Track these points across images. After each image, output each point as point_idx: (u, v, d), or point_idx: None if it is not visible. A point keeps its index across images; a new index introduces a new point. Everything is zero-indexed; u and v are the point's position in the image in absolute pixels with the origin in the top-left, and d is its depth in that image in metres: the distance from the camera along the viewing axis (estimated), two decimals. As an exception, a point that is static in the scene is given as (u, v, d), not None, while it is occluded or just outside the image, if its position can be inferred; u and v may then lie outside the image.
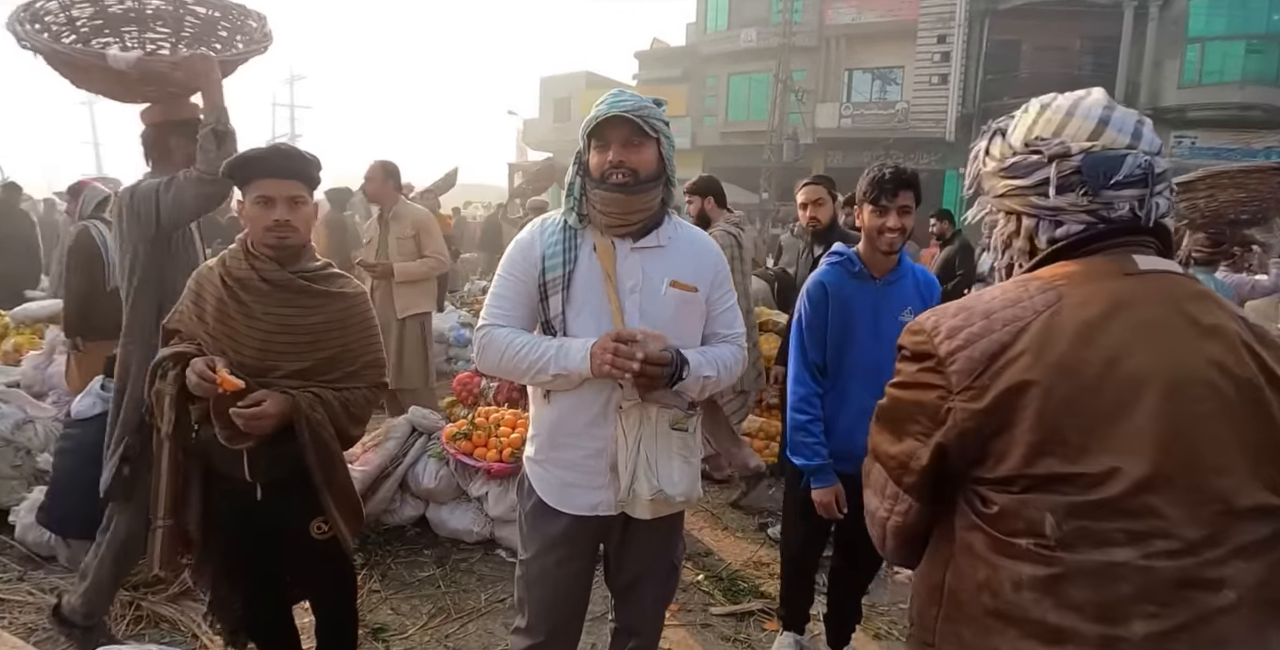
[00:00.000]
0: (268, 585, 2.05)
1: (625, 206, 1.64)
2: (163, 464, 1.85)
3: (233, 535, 1.94)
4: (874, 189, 2.16)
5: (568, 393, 1.69)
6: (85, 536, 3.04)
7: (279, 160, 1.81)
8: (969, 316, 0.92)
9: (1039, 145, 0.95)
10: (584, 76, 26.25)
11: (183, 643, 2.49)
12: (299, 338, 1.85)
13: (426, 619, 2.79)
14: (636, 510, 1.66)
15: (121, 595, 2.80)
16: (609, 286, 1.66)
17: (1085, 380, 0.85)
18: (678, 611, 2.91)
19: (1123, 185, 0.91)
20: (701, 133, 23.17)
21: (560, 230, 1.70)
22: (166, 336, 1.92)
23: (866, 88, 21.75)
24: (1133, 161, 0.90)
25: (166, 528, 1.87)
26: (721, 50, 22.71)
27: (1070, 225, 0.95)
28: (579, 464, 1.71)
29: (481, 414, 3.52)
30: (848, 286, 2.25)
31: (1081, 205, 0.93)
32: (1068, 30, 18.36)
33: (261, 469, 1.85)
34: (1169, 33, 17.35)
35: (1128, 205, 0.93)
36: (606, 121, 1.59)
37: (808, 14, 20.91)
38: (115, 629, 2.61)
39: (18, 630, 2.57)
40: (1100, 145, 0.92)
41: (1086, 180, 0.92)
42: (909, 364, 0.99)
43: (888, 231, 2.16)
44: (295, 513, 1.92)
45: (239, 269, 1.84)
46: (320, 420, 1.84)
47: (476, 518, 3.31)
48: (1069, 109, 0.95)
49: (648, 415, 1.64)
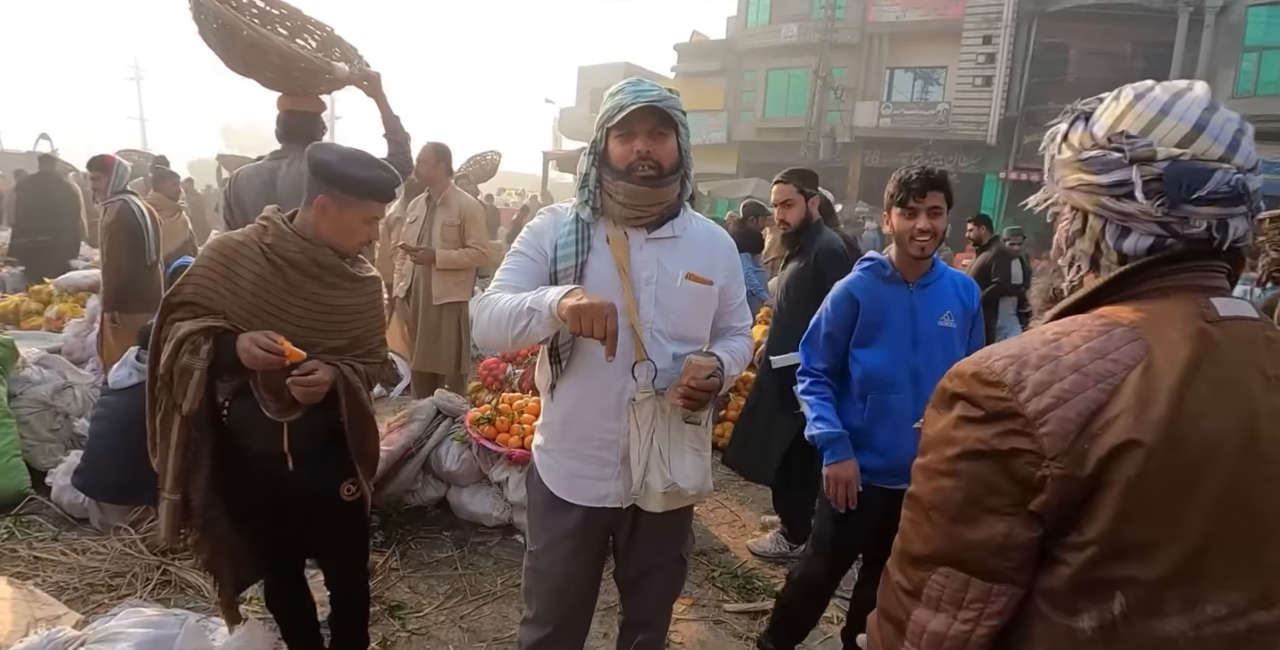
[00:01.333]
0: (285, 553, 2.13)
1: (649, 199, 1.62)
2: (171, 440, 1.86)
3: (256, 505, 1.98)
4: (901, 190, 2.09)
5: (579, 383, 1.68)
6: (117, 501, 3.14)
7: (392, 185, 1.91)
8: (1055, 369, 0.80)
9: (1123, 143, 0.85)
10: (622, 67, 26.19)
11: (207, 608, 2.55)
12: (338, 317, 1.94)
13: (443, 599, 2.83)
14: (649, 503, 1.65)
15: (149, 560, 2.88)
16: (623, 279, 1.64)
17: (1176, 443, 0.77)
18: (691, 606, 2.92)
19: (1204, 202, 0.82)
20: (738, 127, 23.02)
21: (573, 221, 1.68)
22: (170, 309, 1.85)
23: (907, 87, 21.43)
24: (1221, 177, 0.81)
25: (172, 501, 1.91)
26: (761, 45, 22.50)
27: (1139, 236, 0.86)
28: (590, 455, 1.71)
29: (505, 400, 3.55)
30: (882, 293, 2.18)
31: (1154, 216, 0.84)
32: (1118, 34, 17.90)
33: (298, 439, 1.92)
34: (1225, 41, 16.84)
35: (1205, 224, 0.83)
36: (633, 112, 1.56)
37: (851, 10, 20.64)
38: (142, 592, 2.69)
39: (49, 588, 2.65)
40: (1190, 153, 0.82)
41: (1166, 190, 0.82)
42: (978, 427, 0.82)
43: (918, 235, 2.09)
44: (326, 477, 2.00)
45: (288, 250, 1.85)
46: (359, 388, 1.96)
47: (496, 502, 3.35)
48: (1165, 106, 0.84)
49: (661, 409, 1.62)
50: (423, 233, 4.29)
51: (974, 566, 0.83)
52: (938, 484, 0.85)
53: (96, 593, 2.71)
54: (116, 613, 2.22)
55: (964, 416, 0.84)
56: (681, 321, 1.67)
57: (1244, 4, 16.52)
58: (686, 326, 1.69)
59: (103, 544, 3.01)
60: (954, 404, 0.85)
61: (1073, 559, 0.79)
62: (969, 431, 0.83)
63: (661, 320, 1.66)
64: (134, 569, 2.84)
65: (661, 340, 1.66)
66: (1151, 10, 17.07)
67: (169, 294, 1.87)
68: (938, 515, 0.85)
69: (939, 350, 2.15)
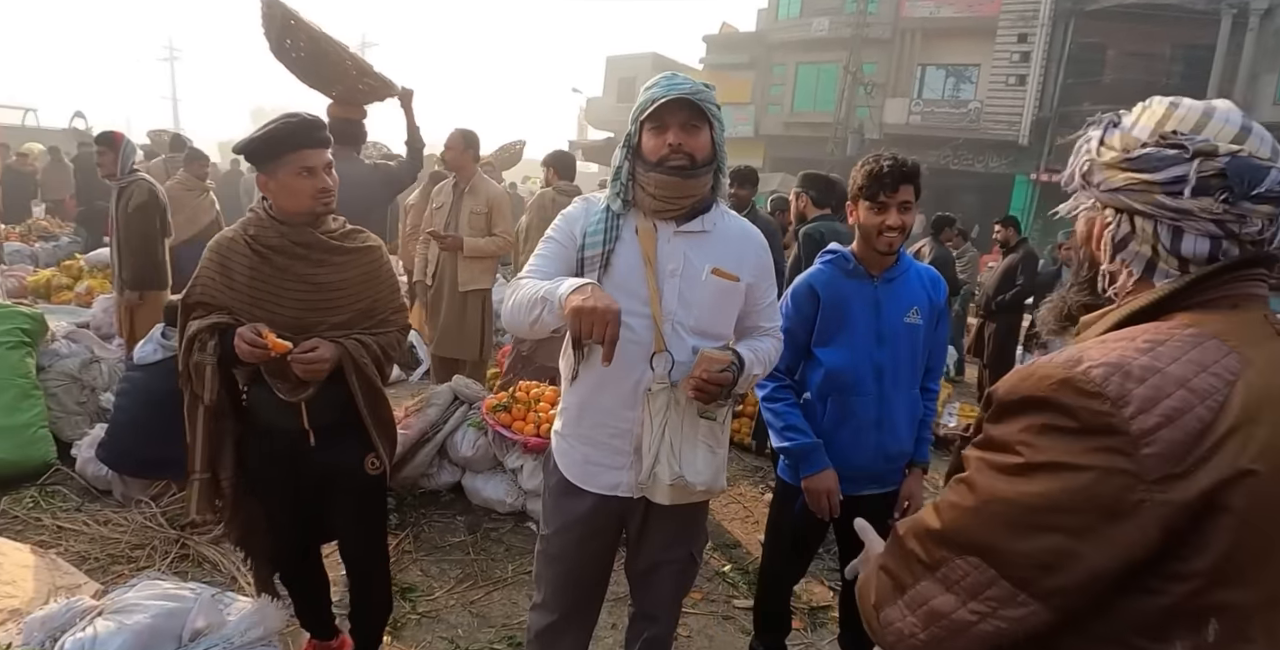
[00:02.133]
0: (305, 530, 2.16)
1: (680, 190, 1.62)
2: (199, 427, 1.97)
3: (280, 482, 2.03)
4: (872, 183, 1.96)
5: (598, 372, 1.65)
6: (139, 475, 3.19)
7: (314, 131, 1.87)
8: (1161, 384, 0.74)
9: (1180, 139, 0.83)
10: (650, 58, 26.08)
11: (223, 583, 2.59)
12: (335, 293, 1.97)
13: (454, 583, 2.85)
14: (656, 495, 1.65)
15: (168, 534, 2.93)
16: (648, 269, 1.64)
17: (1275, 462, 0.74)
18: (700, 600, 2.92)
19: (1262, 199, 0.80)
20: (765, 121, 22.86)
21: (604, 211, 1.69)
22: (187, 310, 1.96)
23: (939, 84, 21.14)
24: (1275, 176, 0.80)
25: (203, 480, 2.00)
26: (792, 38, 22.30)
27: (1196, 237, 0.84)
28: (604, 442, 1.71)
29: (523, 388, 3.56)
30: (843, 285, 2.06)
31: (1214, 212, 0.82)
32: (1158, 36, 17.51)
33: (316, 415, 1.97)
34: (1269, 44, 16.44)
35: (1261, 222, 0.82)
36: (666, 104, 1.56)
37: (883, 5, 20.39)
38: (161, 565, 2.73)
39: (71, 558, 2.70)
40: (1246, 150, 0.82)
41: (1231, 185, 0.80)
42: (1068, 439, 0.76)
43: (887, 230, 1.97)
44: (347, 452, 2.04)
45: (269, 237, 1.90)
46: (366, 363, 1.98)
47: (510, 489, 3.36)
48: (1206, 109, 0.85)
49: (676, 401, 1.62)
50: (449, 219, 4.29)
51: (1010, 571, 0.78)
52: (1002, 486, 0.79)
53: (116, 564, 2.77)
54: (134, 584, 2.25)
55: (1050, 425, 0.77)
56: (704, 316, 1.67)
57: (1291, 7, 16.10)
58: (708, 321, 1.68)
59: (124, 516, 3.06)
60: (1031, 409, 0.79)
61: (1174, 588, 0.75)
62: (1055, 441, 0.77)
63: (683, 313, 1.66)
64: (154, 542, 2.89)
65: (682, 333, 1.65)
66: (1193, 12, 16.68)
67: (184, 296, 1.98)
68: (990, 514, 0.80)
69: (904, 348, 2.06)
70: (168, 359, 3.17)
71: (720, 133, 1.65)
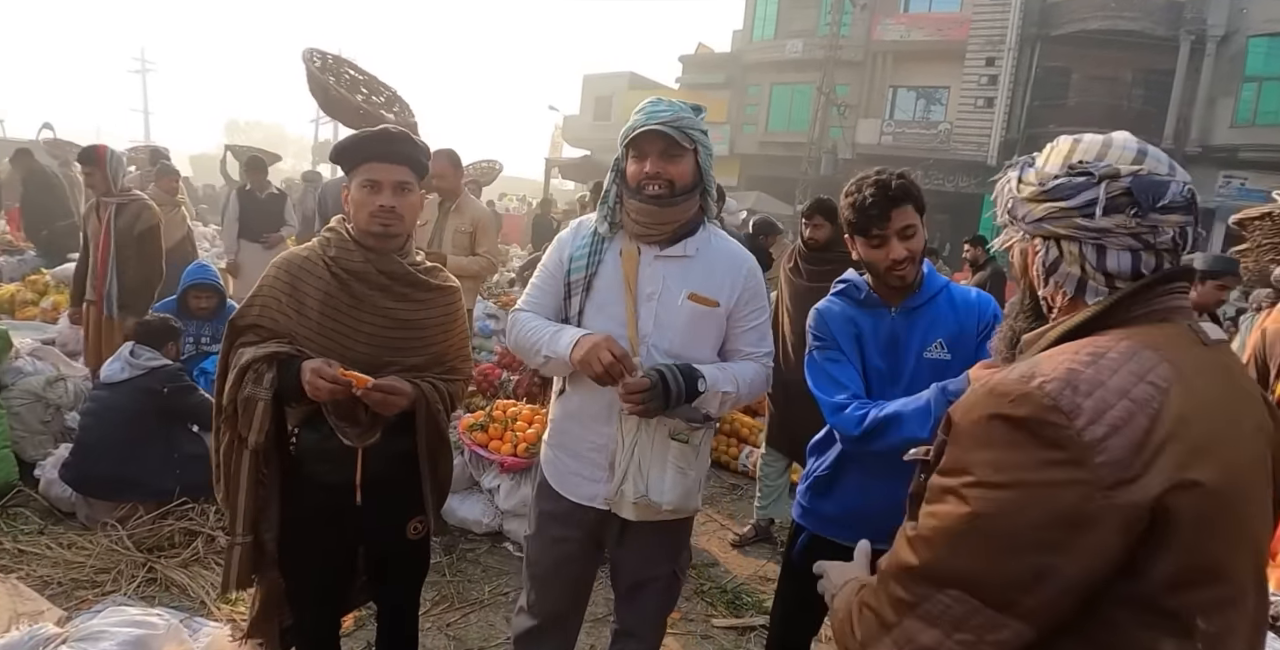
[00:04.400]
0: (333, 596, 1.98)
1: (658, 217, 1.66)
2: (242, 477, 1.72)
3: (317, 542, 1.83)
4: (860, 217, 1.69)
5: (581, 386, 1.73)
6: (104, 497, 3.11)
7: (388, 144, 1.70)
8: (1105, 396, 0.78)
9: (1087, 167, 0.92)
10: (627, 76, 26.30)
11: (191, 608, 2.53)
12: (413, 333, 1.79)
13: (429, 606, 2.81)
14: (623, 510, 1.69)
15: (135, 557, 2.86)
16: (627, 293, 1.68)
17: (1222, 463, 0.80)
18: (679, 620, 2.91)
19: (1169, 210, 0.89)
20: (740, 140, 23.12)
21: (591, 234, 1.73)
22: (237, 333, 1.74)
23: (910, 106, 21.58)
24: (1176, 188, 0.89)
25: (244, 545, 1.76)
26: (766, 59, 22.66)
27: (1118, 253, 0.91)
28: (583, 455, 1.76)
29: (500, 407, 3.54)
30: (857, 318, 1.80)
31: (1129, 227, 0.89)
32: (1120, 61, 18.08)
33: (372, 468, 1.76)
34: (1225, 70, 17.03)
35: (1172, 231, 0.89)
36: (644, 134, 1.60)
37: (856, 28, 20.82)
38: (127, 589, 2.67)
39: (33, 582, 2.62)
40: (1145, 170, 0.90)
41: (1138, 201, 0.88)
42: (1026, 452, 0.78)
43: (895, 266, 1.70)
44: (393, 513, 1.86)
45: (351, 261, 1.71)
46: (439, 409, 1.81)
47: (487, 509, 3.34)
48: (1105, 140, 0.94)
49: (646, 423, 1.65)
50: (433, 237, 4.26)
51: (990, 597, 0.79)
52: (968, 509, 0.80)
53: (81, 589, 2.69)
54: (100, 610, 2.20)
55: (1010, 442, 0.79)
56: (678, 339, 1.69)
57: (1245, 34, 16.72)
58: (683, 344, 1.69)
59: (89, 539, 2.98)
60: (995, 425, 0.81)
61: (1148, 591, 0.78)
62: (1015, 458, 0.79)
63: (658, 336, 1.68)
64: (120, 566, 2.81)
65: (657, 356, 1.67)
66: (1153, 38, 17.26)
67: (235, 316, 1.75)
68: (963, 543, 0.80)
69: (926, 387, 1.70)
70: (136, 378, 3.12)
71: (706, 157, 1.67)
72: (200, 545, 2.97)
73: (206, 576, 2.78)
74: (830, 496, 1.88)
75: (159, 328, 3.32)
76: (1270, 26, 16.36)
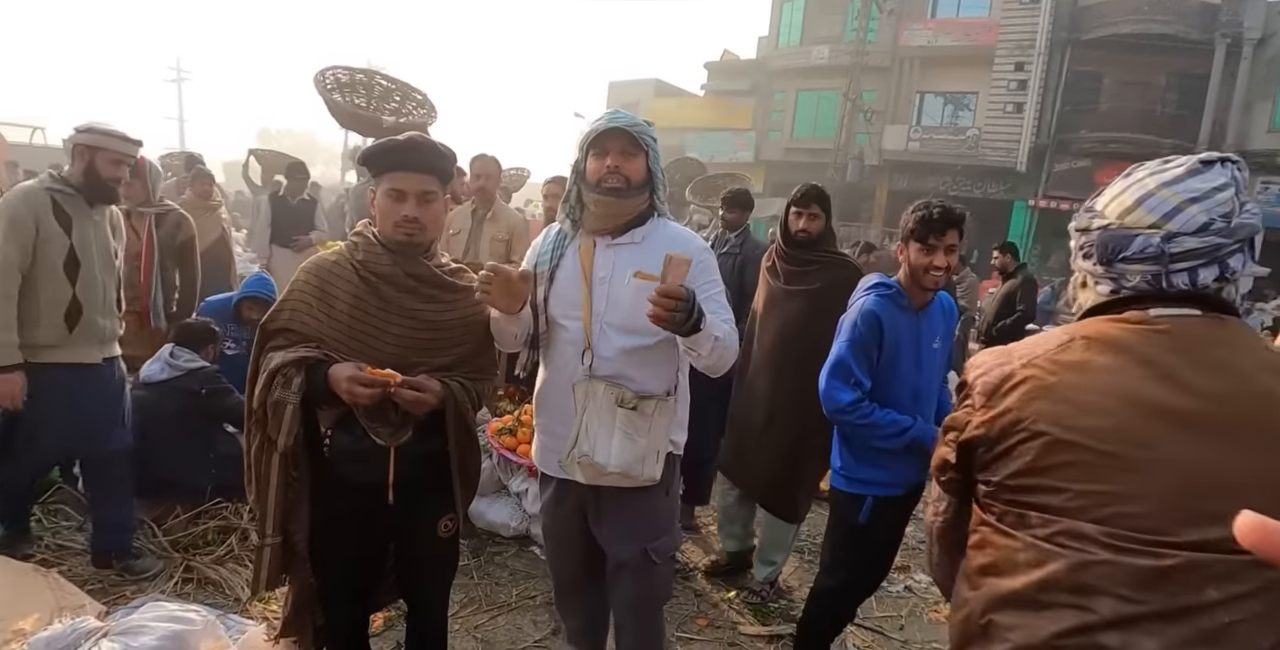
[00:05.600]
0: (362, 595, 2.01)
1: (615, 209, 1.85)
2: (272, 479, 1.76)
3: (350, 546, 1.87)
4: (923, 228, 2.18)
5: (549, 367, 1.98)
6: (143, 497, 3.17)
7: (413, 153, 1.72)
8: (1002, 355, 1.12)
9: (1080, 215, 1.14)
10: (652, 84, 26.42)
11: (226, 605, 2.57)
12: (441, 334, 1.82)
13: (457, 608, 2.83)
14: (574, 473, 1.88)
15: (172, 556, 2.91)
16: (583, 278, 1.89)
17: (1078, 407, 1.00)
18: (705, 627, 2.90)
19: (1132, 261, 1.05)
20: (766, 147, 23.10)
21: (556, 234, 1.96)
22: (268, 336, 1.78)
23: (937, 112, 21.41)
24: (1143, 242, 1.03)
25: (274, 546, 1.80)
26: (792, 65, 22.62)
27: (1100, 283, 1.11)
28: (554, 430, 1.96)
29: (527, 411, 3.56)
30: (898, 318, 2.25)
31: (1099, 273, 1.10)
32: (1153, 65, 17.79)
33: (404, 467, 1.79)
34: (1262, 74, 16.69)
35: (1139, 278, 1.05)
36: (606, 133, 1.82)
37: (882, 34, 20.70)
38: (165, 587, 2.72)
39: (73, 578, 2.68)
40: (1120, 223, 1.06)
41: (1096, 253, 1.09)
42: (959, 397, 1.18)
43: (934, 270, 2.19)
44: (424, 511, 1.89)
45: (379, 264, 1.75)
46: (468, 408, 1.85)
47: (515, 513, 3.35)
48: (1130, 183, 1.08)
49: (594, 391, 1.84)
50: (468, 245, 4.25)
51: (935, 476, 1.25)
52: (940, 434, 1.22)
53: (119, 585, 2.75)
54: (138, 605, 2.25)
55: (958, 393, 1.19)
56: (630, 314, 1.82)
57: (1283, 38, 16.37)
58: (633, 318, 1.80)
59: (127, 537, 3.04)
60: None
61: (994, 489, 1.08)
62: (958, 401, 1.18)
63: (611, 314, 1.86)
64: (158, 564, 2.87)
65: (610, 332, 1.86)
66: (1187, 41, 16.97)
67: (265, 320, 1.79)
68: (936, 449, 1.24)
69: (934, 373, 2.33)
70: (175, 378, 3.18)
71: (655, 160, 1.89)
72: (235, 542, 3.02)
73: (242, 573, 2.83)
74: (880, 465, 2.25)
75: (199, 330, 3.39)
76: (1310, 29, 16.02)
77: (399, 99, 4.21)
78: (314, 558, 1.87)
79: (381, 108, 4.20)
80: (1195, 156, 1.06)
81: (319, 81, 3.90)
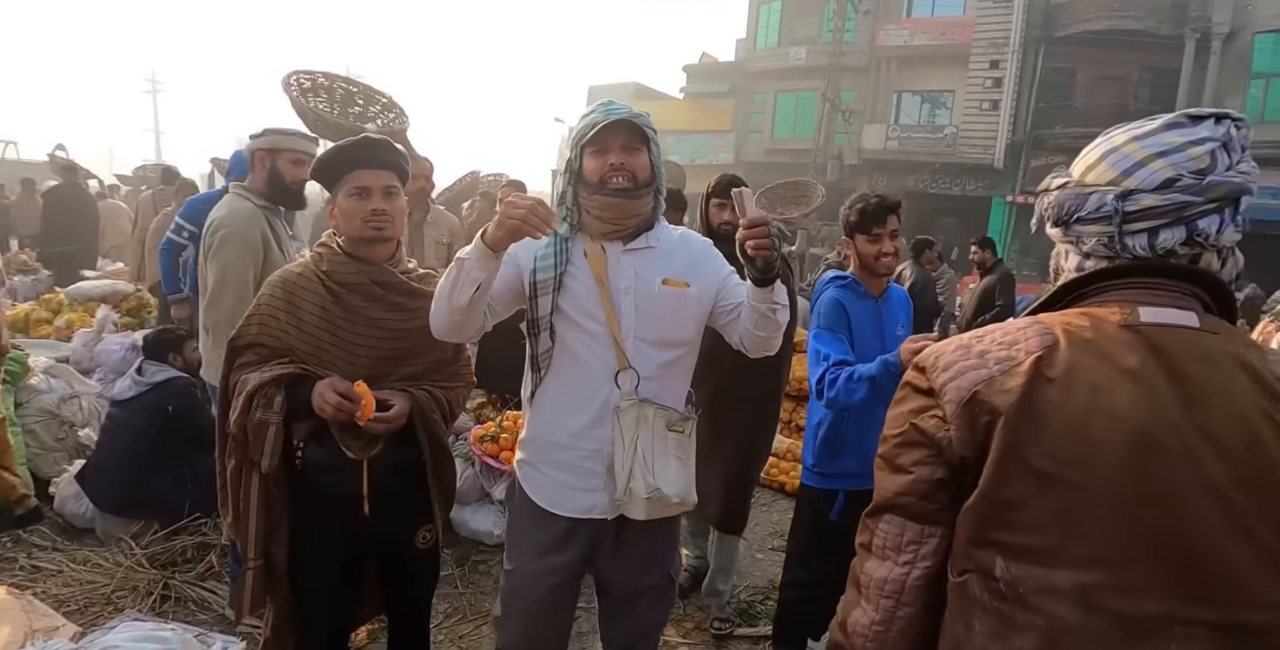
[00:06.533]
0: (343, 609, 1.97)
1: (624, 211, 1.66)
2: (253, 501, 1.74)
3: (326, 560, 1.84)
4: (864, 219, 2.28)
5: (561, 393, 1.70)
6: (120, 514, 3.13)
7: (370, 151, 1.72)
8: (965, 354, 0.93)
9: (1049, 181, 1.03)
10: (632, 87, 26.43)
11: (206, 623, 2.54)
12: (409, 342, 1.78)
13: (441, 618, 2.81)
14: (634, 511, 1.65)
15: (150, 574, 2.87)
16: (601, 290, 1.66)
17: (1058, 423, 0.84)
18: (693, 630, 2.89)
19: (1086, 221, 0.95)
20: (746, 149, 23.16)
21: (552, 238, 1.68)
22: (237, 352, 1.75)
23: (915, 110, 21.57)
24: (1097, 199, 0.93)
25: (256, 568, 1.78)
26: (770, 67, 22.72)
27: (1069, 254, 1.01)
28: (575, 465, 1.71)
29: (510, 418, 3.54)
30: (859, 306, 2.31)
31: (1058, 237, 1.00)
32: (1125, 60, 18.03)
33: (378, 478, 1.76)
34: (1232, 67, 16.94)
35: (1094, 239, 0.95)
36: (607, 127, 1.61)
37: (859, 34, 20.84)
38: (142, 605, 2.68)
39: (48, 599, 2.63)
40: (1076, 181, 0.97)
41: (1052, 214, 0.99)
42: (908, 401, 0.98)
43: (883, 256, 2.29)
44: (401, 523, 1.86)
45: (344, 273, 1.72)
46: (436, 419, 1.81)
47: (498, 520, 3.33)
48: (1100, 140, 0.99)
49: (645, 415, 1.65)
50: (411, 251, 4.22)
51: (909, 510, 0.95)
52: (883, 449, 1.00)
53: (95, 605, 2.70)
54: (114, 626, 2.20)
55: (902, 395, 1.00)
56: (663, 326, 1.69)
57: (1251, 31, 16.65)
58: (669, 330, 1.70)
59: (104, 556, 3.00)
60: (905, 388, 1.00)
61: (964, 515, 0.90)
62: (904, 406, 0.98)
63: (643, 327, 1.67)
64: (135, 582, 2.83)
65: (645, 347, 1.68)
66: (1158, 36, 17.21)
67: (233, 337, 1.76)
68: (883, 472, 0.99)
69: None
70: (144, 394, 3.14)
71: (658, 155, 1.70)
72: (214, 559, 2.98)
73: (221, 590, 2.79)
74: (846, 453, 2.28)
75: (162, 337, 3.36)
76: (1276, 22, 16.27)
77: (362, 103, 4.09)
78: (293, 574, 1.85)
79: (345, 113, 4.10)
80: (1182, 111, 0.94)
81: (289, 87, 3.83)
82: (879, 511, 0.99)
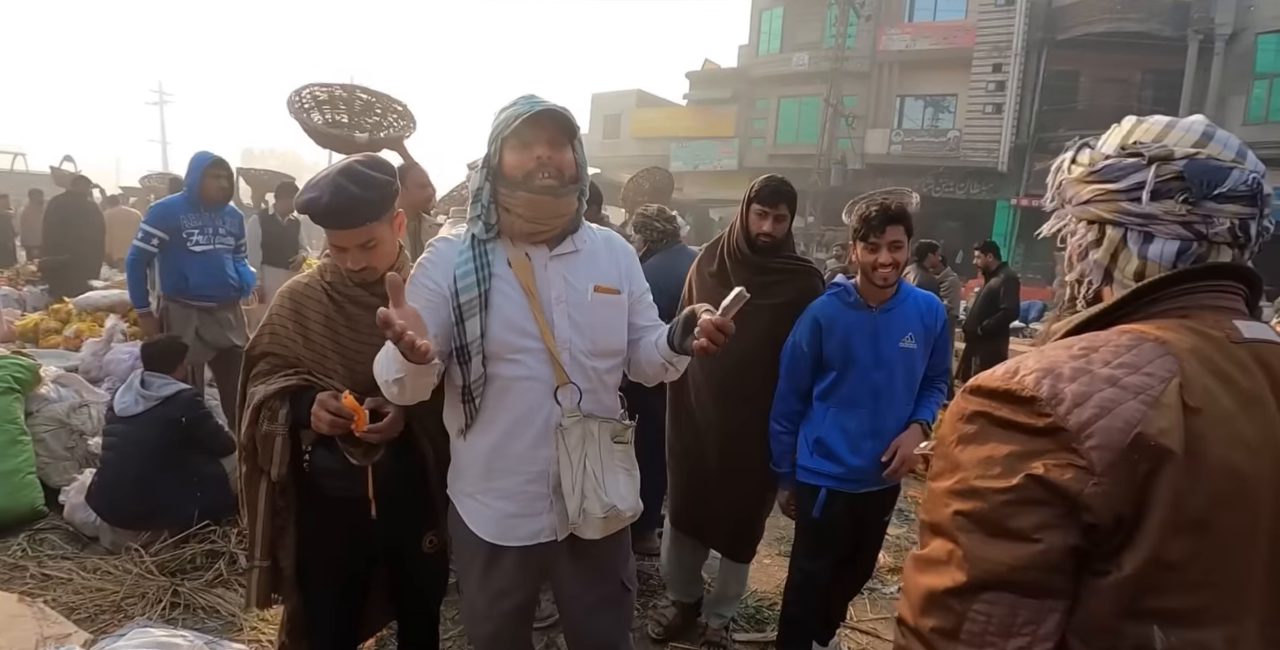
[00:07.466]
0: (351, 614, 2.00)
1: (551, 210, 1.55)
2: (260, 506, 1.81)
3: (335, 563, 1.88)
4: (863, 227, 2.21)
5: (498, 419, 1.58)
6: (127, 526, 3.14)
7: (332, 217, 1.64)
8: (1091, 381, 0.75)
9: (1138, 148, 0.86)
10: (635, 94, 26.52)
11: (215, 629, 2.55)
12: None
13: (450, 625, 2.81)
14: (588, 531, 1.58)
15: (159, 581, 2.89)
16: (531, 302, 1.55)
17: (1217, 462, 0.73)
18: (700, 635, 2.88)
19: (1227, 198, 0.82)
20: (749, 154, 23.21)
21: (469, 246, 1.56)
22: (252, 362, 1.81)
23: (918, 115, 21.60)
24: (1239, 176, 0.82)
25: (262, 568, 1.84)
26: (773, 73, 22.78)
27: (1164, 240, 0.85)
28: (518, 492, 1.61)
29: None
30: (845, 316, 2.28)
31: (1178, 214, 0.83)
32: (1128, 62, 18.04)
33: (383, 482, 1.79)
34: (1235, 68, 16.93)
35: (1229, 222, 0.83)
36: (532, 118, 1.50)
37: (861, 39, 20.90)
38: (152, 612, 2.69)
39: (59, 607, 2.65)
40: (1206, 154, 0.84)
41: (1190, 186, 0.82)
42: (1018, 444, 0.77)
43: (880, 267, 2.20)
44: (407, 528, 1.88)
45: (346, 285, 1.77)
46: (436, 425, 1.81)
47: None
48: (1170, 122, 0.88)
49: (590, 431, 1.57)
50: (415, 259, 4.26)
51: (1026, 586, 0.75)
52: (975, 505, 0.78)
53: (105, 612, 2.71)
54: (124, 633, 2.22)
55: (986, 431, 0.79)
56: (599, 336, 1.61)
57: (1253, 32, 16.65)
58: (604, 340, 1.63)
59: (114, 564, 3.02)
60: (980, 422, 0.80)
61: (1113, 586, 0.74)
62: (1000, 449, 0.77)
63: (579, 338, 1.59)
64: (145, 590, 2.84)
65: (582, 359, 1.59)
66: (1161, 38, 17.22)
67: (249, 347, 1.83)
68: (978, 538, 0.77)
69: (900, 370, 2.30)
70: (152, 409, 3.14)
71: (582, 153, 1.61)
72: (223, 566, 2.99)
73: (231, 597, 2.80)
74: (833, 459, 2.31)
75: (165, 347, 3.35)
76: (1279, 23, 16.27)
77: (380, 112, 4.19)
78: (302, 577, 1.90)
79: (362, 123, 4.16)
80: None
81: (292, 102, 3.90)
82: (972, 592, 0.77)
